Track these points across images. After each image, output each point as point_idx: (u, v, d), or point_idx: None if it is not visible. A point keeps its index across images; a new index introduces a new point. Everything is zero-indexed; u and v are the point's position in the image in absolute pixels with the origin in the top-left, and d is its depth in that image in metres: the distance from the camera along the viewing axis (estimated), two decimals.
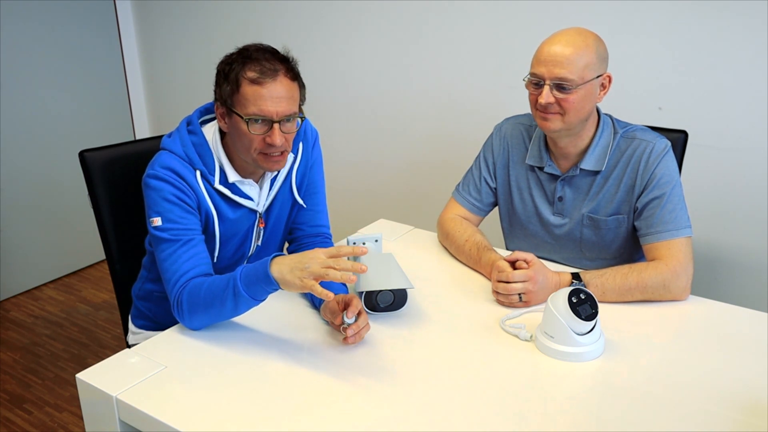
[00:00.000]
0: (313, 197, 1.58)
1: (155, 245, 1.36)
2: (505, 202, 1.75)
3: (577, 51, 1.44)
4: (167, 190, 1.34)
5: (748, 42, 1.91)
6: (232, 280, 1.23)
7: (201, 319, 1.30)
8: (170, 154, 1.38)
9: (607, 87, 1.53)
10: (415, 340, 1.32)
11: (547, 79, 1.46)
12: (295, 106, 1.34)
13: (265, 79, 1.29)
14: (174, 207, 1.34)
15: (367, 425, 1.06)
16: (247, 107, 1.30)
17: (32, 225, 3.09)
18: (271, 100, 1.30)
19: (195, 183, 1.38)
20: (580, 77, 1.45)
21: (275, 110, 1.30)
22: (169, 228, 1.33)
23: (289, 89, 1.32)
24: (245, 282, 1.22)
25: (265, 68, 1.29)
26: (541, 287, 1.42)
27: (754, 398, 1.13)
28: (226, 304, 1.25)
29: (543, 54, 1.47)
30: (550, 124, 1.50)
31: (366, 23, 2.61)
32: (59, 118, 3.11)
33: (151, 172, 1.36)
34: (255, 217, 1.49)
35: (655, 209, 1.51)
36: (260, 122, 1.31)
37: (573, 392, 1.16)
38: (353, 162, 2.84)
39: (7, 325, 2.85)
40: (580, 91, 1.46)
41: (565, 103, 1.46)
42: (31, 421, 2.24)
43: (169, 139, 1.42)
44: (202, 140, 1.40)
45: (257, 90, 1.29)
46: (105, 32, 3.23)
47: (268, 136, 1.32)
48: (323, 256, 1.16)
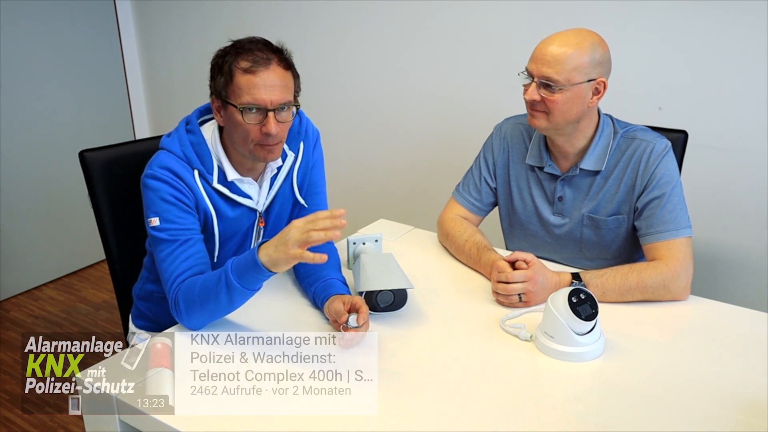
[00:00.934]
0: (315, 197, 1.58)
1: (153, 245, 1.36)
2: (505, 202, 1.75)
3: (568, 53, 1.44)
4: (165, 190, 1.34)
5: (748, 42, 1.91)
6: (223, 274, 1.24)
7: (199, 317, 1.30)
8: (168, 154, 1.38)
9: (601, 93, 1.51)
10: (415, 340, 1.32)
11: (535, 76, 1.47)
12: (289, 95, 1.35)
13: (258, 67, 1.30)
14: (171, 207, 1.35)
15: (367, 425, 1.06)
16: (241, 96, 1.31)
17: (32, 225, 3.09)
18: (265, 88, 1.30)
19: (193, 182, 1.38)
20: (567, 79, 1.44)
21: (269, 98, 1.31)
22: (166, 228, 1.34)
23: (282, 78, 1.33)
24: (236, 273, 1.22)
25: (258, 57, 1.31)
26: (541, 287, 1.42)
27: (754, 398, 1.13)
28: (221, 298, 1.25)
29: (537, 51, 1.48)
30: (536, 121, 1.52)
31: (365, 23, 2.61)
32: (59, 118, 3.10)
33: (149, 172, 1.36)
34: (255, 216, 1.49)
35: (655, 209, 1.51)
36: (255, 111, 1.32)
37: (573, 392, 1.16)
38: (353, 162, 2.84)
39: (7, 325, 2.85)
40: (566, 93, 1.46)
41: (550, 102, 1.47)
42: (31, 421, 2.23)
43: (167, 138, 1.42)
44: (200, 140, 1.40)
45: (250, 79, 1.30)
46: (105, 32, 3.23)
47: (264, 125, 1.32)
48: (301, 224, 1.17)
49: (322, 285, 1.40)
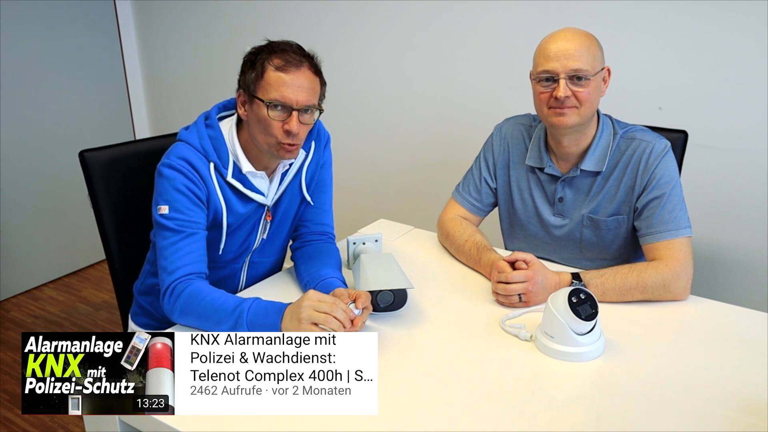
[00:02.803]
0: (321, 196, 1.60)
1: (157, 232, 1.38)
2: (505, 203, 1.75)
3: (585, 44, 1.47)
4: (179, 180, 1.37)
5: (748, 42, 1.91)
6: (238, 312, 1.27)
7: (189, 322, 1.33)
8: (186, 146, 1.41)
9: (607, 80, 1.55)
10: (415, 340, 1.32)
11: (561, 73, 1.47)
12: (315, 99, 1.38)
13: (290, 67, 1.35)
14: (183, 198, 1.37)
15: (367, 425, 1.06)
16: (269, 92, 1.34)
17: (32, 225, 3.09)
18: (293, 88, 1.34)
19: (207, 175, 1.40)
20: (593, 68, 1.48)
21: (296, 98, 1.34)
22: (175, 217, 1.36)
23: (311, 81, 1.37)
24: (250, 323, 1.26)
25: (290, 58, 1.35)
26: (541, 287, 1.42)
27: (754, 398, 1.13)
28: (222, 327, 1.28)
29: (551, 50, 1.48)
30: (566, 119, 1.50)
31: (366, 24, 2.61)
32: (59, 118, 3.11)
33: (166, 161, 1.39)
34: (263, 210, 1.51)
35: (654, 209, 1.51)
36: (280, 108, 1.35)
37: (573, 392, 1.16)
38: (353, 162, 2.84)
39: (7, 325, 2.85)
40: (593, 83, 1.48)
41: (581, 95, 1.48)
42: (31, 421, 2.24)
43: (186, 131, 1.45)
44: (218, 134, 1.43)
45: (281, 77, 1.34)
46: (105, 32, 3.23)
47: (286, 123, 1.35)
48: (315, 302, 1.24)
49: (322, 284, 1.41)
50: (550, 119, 1.52)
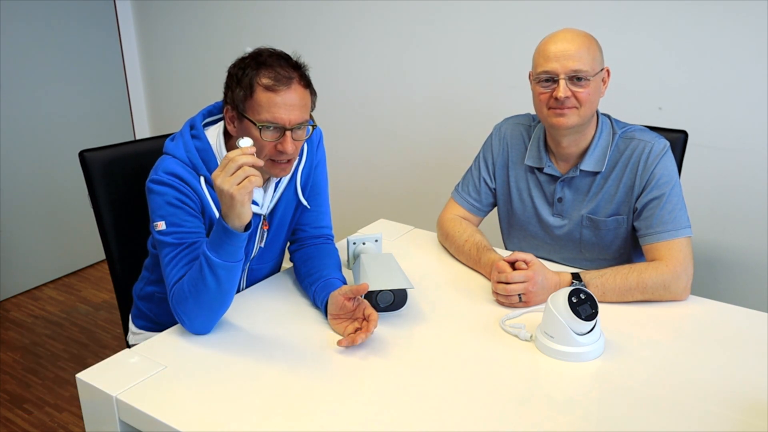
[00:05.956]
0: (317, 198, 1.58)
1: (159, 249, 1.36)
2: (504, 203, 1.75)
3: (584, 44, 1.48)
4: (171, 194, 1.34)
5: (748, 42, 1.91)
6: (202, 256, 1.25)
7: (197, 314, 1.28)
8: (173, 160, 1.37)
9: (606, 81, 1.55)
10: (415, 340, 1.32)
11: (561, 74, 1.47)
12: (306, 114, 1.35)
13: (279, 86, 1.29)
14: (178, 211, 1.34)
15: (367, 425, 1.06)
16: (260, 113, 1.30)
17: (32, 225, 3.09)
18: (285, 107, 1.30)
19: (199, 187, 1.38)
20: (592, 68, 1.48)
21: (288, 118, 1.30)
22: (172, 231, 1.33)
23: (302, 97, 1.33)
24: (212, 249, 1.23)
25: (279, 75, 1.30)
26: (541, 287, 1.42)
27: (754, 398, 1.13)
28: (208, 282, 1.24)
29: (551, 51, 1.48)
30: (566, 120, 1.50)
31: (365, 23, 2.61)
32: (59, 118, 3.11)
33: (155, 177, 1.35)
34: (259, 219, 1.49)
35: (654, 209, 1.51)
36: (272, 129, 1.31)
37: (573, 392, 1.16)
38: (353, 162, 2.84)
39: (7, 325, 2.85)
40: (592, 83, 1.49)
41: (581, 95, 1.48)
42: (31, 421, 2.24)
43: (172, 143, 1.41)
44: (206, 145, 1.39)
45: (271, 97, 1.29)
46: (105, 32, 3.23)
47: (280, 143, 1.32)
48: (219, 176, 1.17)
49: (322, 284, 1.41)
50: (550, 120, 1.52)
